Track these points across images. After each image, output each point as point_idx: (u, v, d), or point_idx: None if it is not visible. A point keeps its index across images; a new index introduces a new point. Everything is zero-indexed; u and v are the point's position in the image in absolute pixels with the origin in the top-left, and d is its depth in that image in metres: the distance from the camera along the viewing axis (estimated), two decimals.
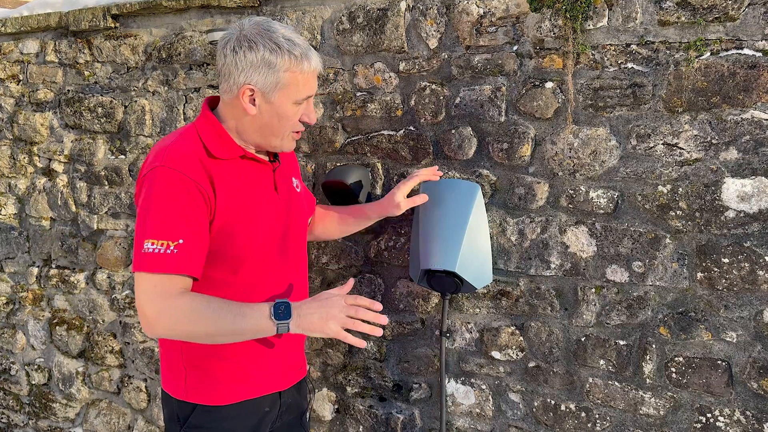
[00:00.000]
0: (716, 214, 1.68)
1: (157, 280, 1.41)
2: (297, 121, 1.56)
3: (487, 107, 1.92)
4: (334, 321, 1.43)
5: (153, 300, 1.41)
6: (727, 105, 1.64)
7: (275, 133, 1.56)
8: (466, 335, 2.06)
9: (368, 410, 2.26)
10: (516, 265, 1.95)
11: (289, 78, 1.48)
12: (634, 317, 1.82)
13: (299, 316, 1.43)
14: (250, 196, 1.57)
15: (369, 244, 2.18)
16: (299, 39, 1.50)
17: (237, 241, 1.54)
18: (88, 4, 2.61)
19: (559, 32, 1.79)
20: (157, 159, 1.48)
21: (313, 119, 1.59)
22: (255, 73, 1.47)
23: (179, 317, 1.41)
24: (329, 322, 1.43)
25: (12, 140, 2.92)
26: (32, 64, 2.80)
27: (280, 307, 1.43)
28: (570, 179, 1.84)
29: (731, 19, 1.61)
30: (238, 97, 1.50)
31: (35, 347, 3.03)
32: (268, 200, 1.62)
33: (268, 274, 1.62)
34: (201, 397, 1.61)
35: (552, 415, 1.96)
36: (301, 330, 1.44)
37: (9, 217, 2.99)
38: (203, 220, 1.47)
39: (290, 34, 1.50)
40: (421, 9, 1.97)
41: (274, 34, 1.47)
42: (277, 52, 1.46)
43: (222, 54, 1.50)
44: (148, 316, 1.41)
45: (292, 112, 1.54)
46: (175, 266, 1.41)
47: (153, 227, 1.42)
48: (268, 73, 1.47)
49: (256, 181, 1.60)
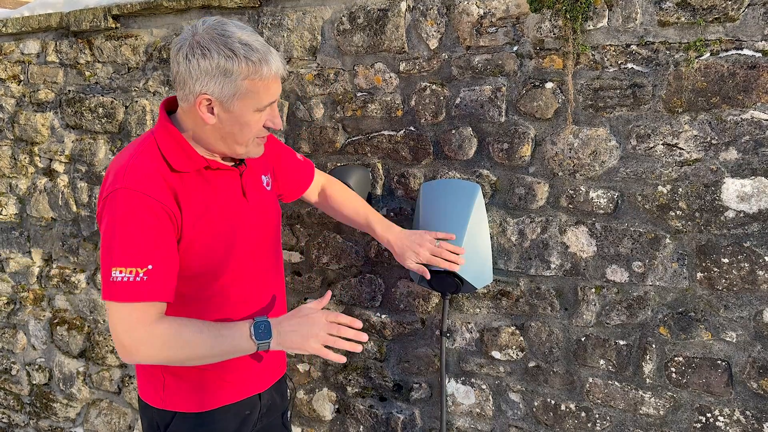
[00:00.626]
0: (716, 214, 1.69)
1: (131, 309, 1.36)
2: (261, 127, 1.47)
3: (488, 107, 1.92)
4: (315, 339, 1.41)
5: (129, 329, 1.36)
6: (727, 105, 1.64)
7: (238, 142, 1.46)
8: (466, 335, 2.07)
9: (368, 410, 2.27)
10: (516, 265, 1.95)
11: (248, 86, 1.38)
12: (634, 317, 1.82)
13: (279, 334, 1.41)
14: (218, 207, 1.50)
15: (369, 244, 2.19)
16: (257, 42, 1.39)
17: (207, 257, 1.49)
18: (89, 5, 2.61)
19: (559, 33, 1.79)
20: (117, 180, 1.40)
21: (278, 124, 1.49)
22: (211, 82, 1.37)
23: (157, 344, 1.38)
24: (310, 340, 1.41)
25: (13, 140, 2.92)
26: (33, 64, 2.81)
27: (261, 327, 1.40)
28: (570, 179, 1.85)
29: (731, 19, 1.61)
30: (195, 106, 1.41)
31: (36, 347, 3.03)
32: (238, 208, 1.55)
33: (242, 284, 1.57)
34: (180, 404, 1.57)
35: (552, 414, 1.97)
36: (282, 347, 1.43)
37: (10, 217, 3.00)
38: (171, 241, 1.40)
39: (247, 38, 1.38)
40: (422, 9, 1.98)
41: (229, 39, 1.36)
42: (233, 59, 1.35)
43: (175, 61, 1.39)
44: (126, 345, 1.37)
45: (254, 119, 1.44)
46: (145, 294, 1.35)
47: (120, 254, 1.36)
48: (224, 82, 1.37)
49: (223, 189, 1.53)
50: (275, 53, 1.42)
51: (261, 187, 1.66)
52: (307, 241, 2.30)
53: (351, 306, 2.25)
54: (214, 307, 1.53)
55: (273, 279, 1.70)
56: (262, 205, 1.64)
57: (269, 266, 1.68)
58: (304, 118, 2.23)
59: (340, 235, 2.23)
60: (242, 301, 1.58)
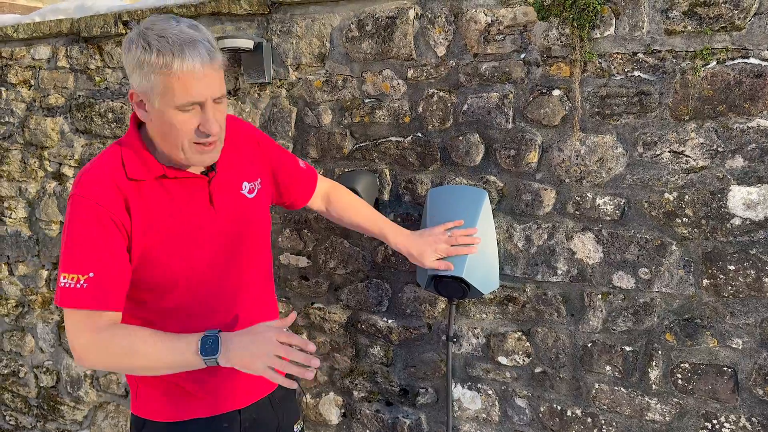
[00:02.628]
0: (722, 221, 1.70)
1: (81, 315, 1.36)
2: (191, 131, 1.36)
3: (495, 114, 1.94)
4: (263, 360, 1.32)
5: (77, 335, 1.37)
6: (733, 113, 1.65)
7: (175, 144, 1.38)
8: (472, 340, 2.08)
9: (375, 414, 2.28)
10: (523, 271, 1.96)
11: (162, 81, 1.30)
12: (641, 323, 1.83)
13: (228, 350, 1.33)
14: (175, 217, 1.45)
15: (376, 249, 2.20)
16: (180, 36, 1.30)
17: (161, 267, 1.44)
18: (100, 11, 2.64)
19: (566, 40, 1.81)
20: (74, 186, 1.40)
21: (209, 129, 1.36)
22: (133, 75, 1.34)
23: (103, 352, 1.37)
24: (257, 361, 1.32)
25: (23, 144, 2.95)
26: (44, 69, 2.84)
27: (208, 341, 1.33)
28: (577, 186, 1.86)
29: (737, 28, 1.63)
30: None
31: (44, 350, 3.05)
32: (201, 218, 1.48)
33: (205, 297, 1.51)
34: (151, 412, 1.56)
35: (558, 420, 1.97)
36: (231, 365, 1.34)
37: (19, 221, 3.02)
38: (117, 250, 1.37)
39: (169, 31, 1.30)
40: (430, 17, 1.99)
41: (150, 31, 1.30)
42: (147, 51, 1.29)
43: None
44: (76, 349, 1.38)
45: (178, 120, 1.34)
46: (86, 302, 1.34)
47: (65, 260, 1.36)
48: (141, 75, 1.32)
49: (185, 198, 1.47)
50: (199, 50, 1.31)
51: (238, 195, 1.57)
52: (315, 246, 2.32)
53: (358, 311, 2.27)
54: (174, 319, 1.48)
55: (247, 290, 1.60)
56: (235, 213, 1.55)
57: (242, 277, 1.58)
58: (312, 123, 2.25)
59: (347, 240, 2.25)
60: (202, 314, 1.51)
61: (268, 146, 1.71)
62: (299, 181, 1.80)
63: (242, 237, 1.57)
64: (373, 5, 2.09)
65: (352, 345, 2.29)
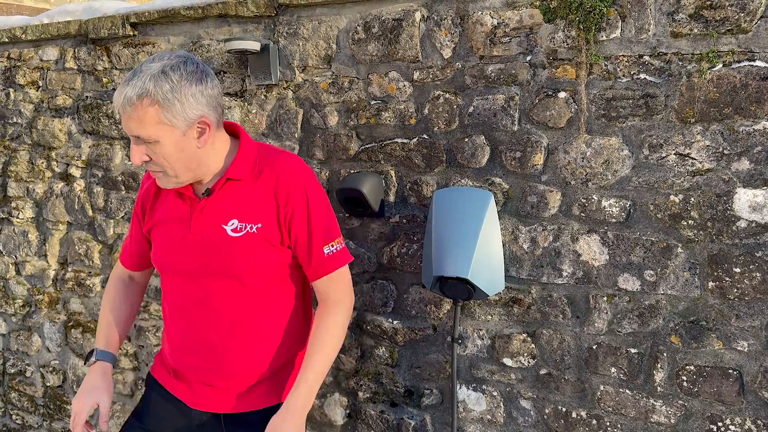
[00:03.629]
0: (728, 223, 1.70)
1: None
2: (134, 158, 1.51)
3: (500, 116, 1.94)
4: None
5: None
6: (739, 116, 1.66)
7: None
8: (477, 342, 2.08)
9: (380, 415, 2.28)
10: (528, 272, 1.97)
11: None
12: (646, 326, 1.83)
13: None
14: (166, 225, 1.67)
15: (382, 250, 2.21)
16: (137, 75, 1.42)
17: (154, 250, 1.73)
18: (108, 12, 2.66)
19: (572, 43, 1.81)
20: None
21: (132, 159, 1.50)
22: None
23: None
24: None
25: (31, 145, 2.96)
26: (52, 70, 2.86)
27: (89, 358, 1.76)
28: (582, 188, 1.86)
29: (743, 31, 1.63)
30: None
31: (50, 349, 3.07)
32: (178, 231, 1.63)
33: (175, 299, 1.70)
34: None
35: (563, 422, 1.98)
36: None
37: (27, 221, 3.04)
38: (137, 227, 1.80)
39: (138, 68, 1.44)
40: (436, 19, 2.00)
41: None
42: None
43: None
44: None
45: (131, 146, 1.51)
46: (120, 254, 1.91)
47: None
48: None
49: (174, 212, 1.65)
50: (127, 93, 1.42)
51: (217, 227, 1.57)
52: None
53: (363, 312, 2.27)
54: (165, 302, 1.74)
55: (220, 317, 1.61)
56: (209, 241, 1.57)
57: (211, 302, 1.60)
58: (318, 125, 2.26)
59: (353, 241, 2.26)
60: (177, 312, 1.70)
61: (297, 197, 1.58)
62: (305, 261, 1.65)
63: (214, 267, 1.59)
64: (379, 7, 2.10)
65: (357, 346, 2.30)
